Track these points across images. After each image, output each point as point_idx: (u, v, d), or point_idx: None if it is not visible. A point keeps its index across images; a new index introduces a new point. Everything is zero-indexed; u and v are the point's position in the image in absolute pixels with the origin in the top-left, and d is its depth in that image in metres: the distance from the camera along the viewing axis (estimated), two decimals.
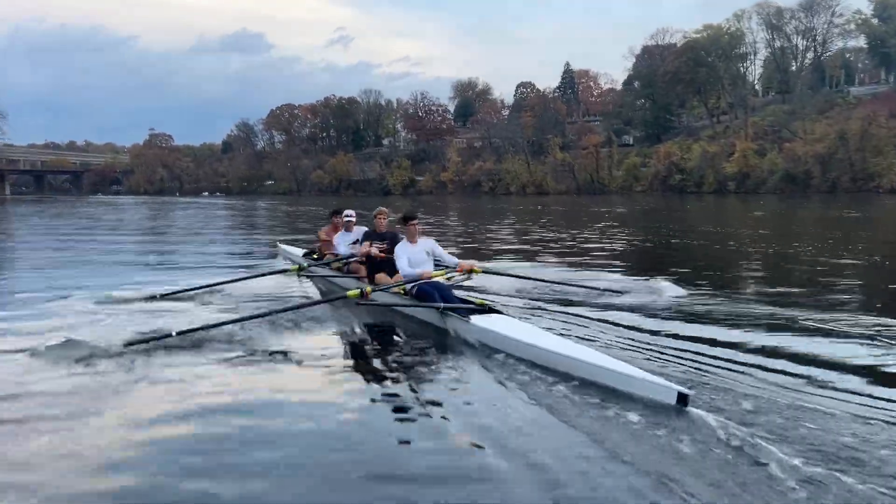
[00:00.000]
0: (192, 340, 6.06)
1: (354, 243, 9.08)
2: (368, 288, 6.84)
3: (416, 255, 7.47)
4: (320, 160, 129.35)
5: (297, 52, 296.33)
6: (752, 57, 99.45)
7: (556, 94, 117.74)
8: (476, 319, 6.03)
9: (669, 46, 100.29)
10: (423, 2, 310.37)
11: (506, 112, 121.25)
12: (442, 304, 6.49)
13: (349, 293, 6.76)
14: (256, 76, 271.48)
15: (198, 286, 8.83)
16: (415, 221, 7.64)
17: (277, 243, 14.46)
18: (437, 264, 7.61)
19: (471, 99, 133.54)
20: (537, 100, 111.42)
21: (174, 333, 5.93)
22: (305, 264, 9.86)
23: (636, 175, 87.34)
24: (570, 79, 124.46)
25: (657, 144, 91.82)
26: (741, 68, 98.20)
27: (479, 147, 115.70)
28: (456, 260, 7.71)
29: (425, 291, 6.82)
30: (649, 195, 75.94)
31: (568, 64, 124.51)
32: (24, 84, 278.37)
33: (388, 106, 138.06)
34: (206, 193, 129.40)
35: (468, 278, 7.82)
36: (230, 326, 6.47)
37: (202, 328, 6.27)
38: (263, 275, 9.65)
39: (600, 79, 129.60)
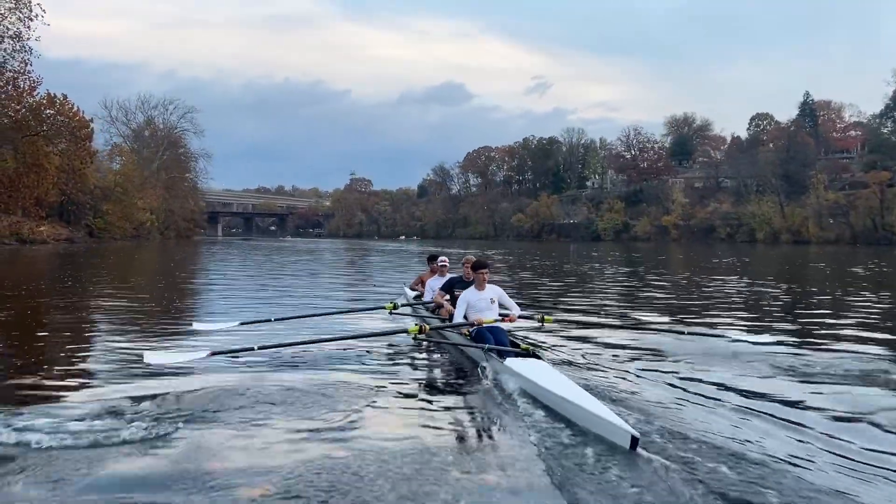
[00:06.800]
0: (269, 354, 7.40)
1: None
2: (427, 326, 7.56)
3: (479, 302, 7.75)
4: (519, 203, 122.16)
5: (496, 101, 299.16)
6: None
7: (793, 129, 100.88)
8: (510, 361, 6.43)
9: None
10: (618, 47, 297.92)
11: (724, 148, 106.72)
12: (486, 346, 6.99)
13: (409, 329, 7.57)
14: (455, 124, 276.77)
15: (309, 314, 10.58)
16: (484, 271, 7.88)
17: (403, 285, 14.44)
18: (502, 311, 7.94)
19: (687, 136, 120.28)
20: (778, 132, 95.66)
21: (256, 348, 7.11)
22: (400, 303, 10.84)
23: None
24: (810, 111, 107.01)
25: None
26: None
27: (703, 187, 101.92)
28: (518, 311, 8.01)
29: (481, 334, 7.33)
30: None
31: (808, 93, 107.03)
32: (248, 133, 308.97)
33: (591, 145, 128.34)
34: (403, 237, 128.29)
35: (540, 327, 8.74)
36: (299, 347, 7.61)
37: (278, 346, 7.46)
38: (366, 310, 11.02)
39: (844, 111, 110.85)
